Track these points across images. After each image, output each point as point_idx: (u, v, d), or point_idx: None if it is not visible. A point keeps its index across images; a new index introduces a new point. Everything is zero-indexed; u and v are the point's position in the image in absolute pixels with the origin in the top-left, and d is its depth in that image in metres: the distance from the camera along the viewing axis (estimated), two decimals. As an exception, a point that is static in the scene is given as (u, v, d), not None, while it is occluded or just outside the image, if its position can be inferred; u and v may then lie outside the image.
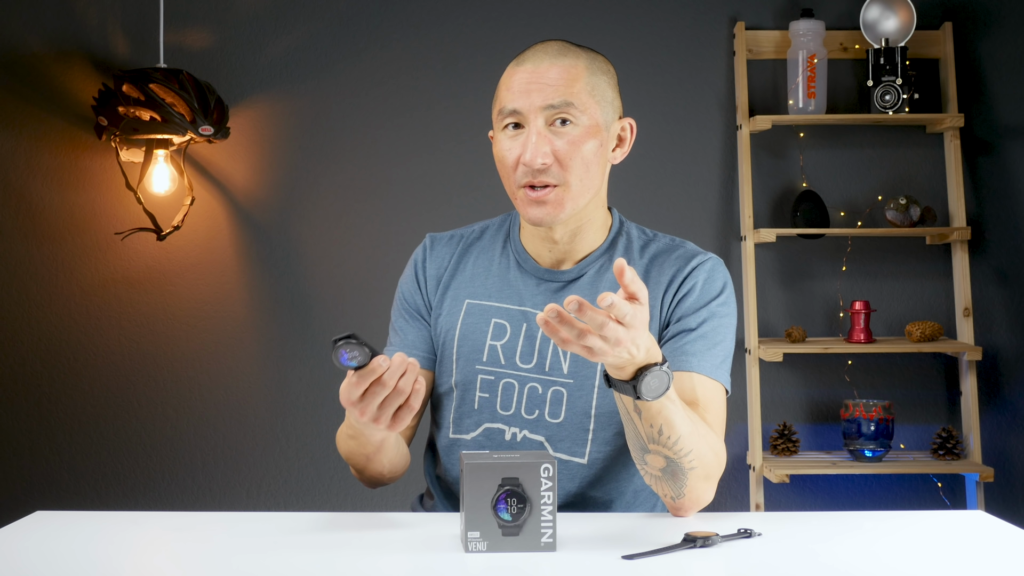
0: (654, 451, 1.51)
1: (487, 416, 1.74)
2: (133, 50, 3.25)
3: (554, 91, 1.65)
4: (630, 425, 1.51)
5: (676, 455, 1.51)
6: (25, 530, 1.53)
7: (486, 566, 1.35)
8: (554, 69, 1.67)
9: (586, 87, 1.67)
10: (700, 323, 1.69)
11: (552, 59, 1.68)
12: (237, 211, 3.28)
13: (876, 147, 3.35)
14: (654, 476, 1.55)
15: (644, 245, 1.78)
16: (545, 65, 1.67)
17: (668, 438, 1.50)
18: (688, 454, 1.52)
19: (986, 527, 1.58)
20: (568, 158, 1.66)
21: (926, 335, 3.17)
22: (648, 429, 1.49)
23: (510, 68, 1.71)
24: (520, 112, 1.67)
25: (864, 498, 3.31)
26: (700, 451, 1.54)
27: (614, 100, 1.72)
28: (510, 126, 1.69)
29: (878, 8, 3.24)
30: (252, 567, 1.36)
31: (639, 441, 1.51)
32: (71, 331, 3.25)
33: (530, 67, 1.68)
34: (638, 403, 1.47)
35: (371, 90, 3.31)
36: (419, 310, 1.81)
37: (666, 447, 1.50)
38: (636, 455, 1.55)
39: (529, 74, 1.67)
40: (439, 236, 1.86)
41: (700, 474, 1.55)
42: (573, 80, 1.66)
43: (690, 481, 1.55)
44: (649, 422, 1.48)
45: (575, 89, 1.66)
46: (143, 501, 3.25)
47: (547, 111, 1.66)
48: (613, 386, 1.48)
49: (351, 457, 1.71)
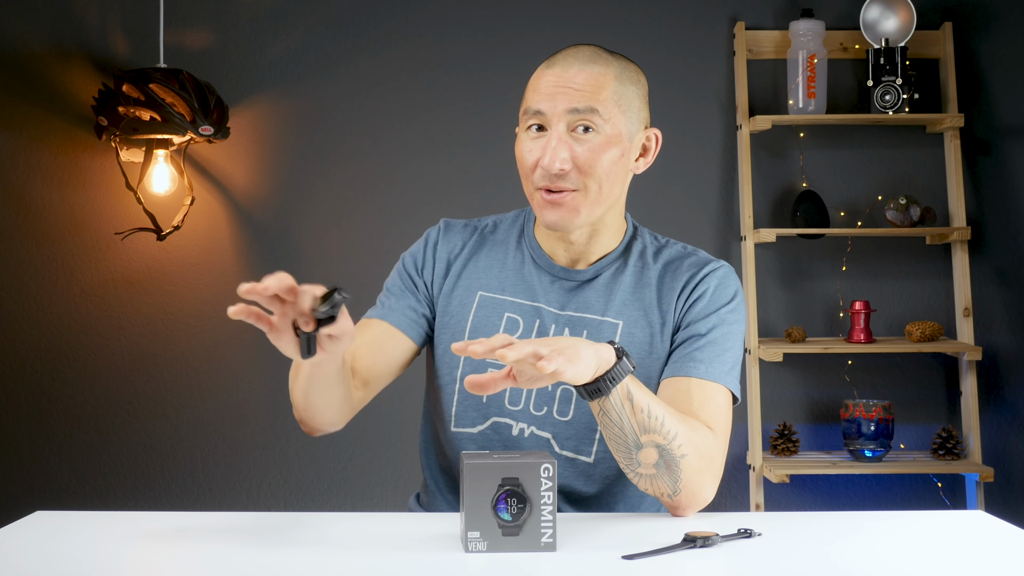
0: (647, 442, 1.51)
1: (495, 410, 1.74)
2: (133, 50, 3.25)
3: (580, 97, 1.65)
4: (623, 421, 1.50)
5: (666, 439, 1.52)
6: (25, 530, 1.53)
7: (486, 566, 1.35)
8: (582, 75, 1.66)
9: (613, 95, 1.67)
10: (709, 329, 1.70)
11: (581, 64, 1.67)
12: (237, 211, 3.28)
13: (876, 147, 3.35)
14: (648, 475, 1.55)
15: (657, 251, 1.79)
16: (574, 70, 1.67)
17: (656, 419, 1.51)
18: (676, 437, 1.52)
19: (986, 527, 1.58)
20: (588, 165, 1.66)
21: (926, 335, 3.18)
22: (640, 416, 1.50)
23: (540, 69, 1.70)
24: (544, 114, 1.67)
25: (864, 498, 3.31)
26: (687, 436, 1.54)
27: (641, 110, 1.72)
28: (533, 127, 1.68)
29: (878, 8, 3.24)
30: (252, 567, 1.36)
31: (632, 437, 1.51)
32: (71, 331, 3.25)
33: (559, 70, 1.67)
34: (630, 388, 1.48)
35: (371, 90, 3.31)
36: (416, 285, 1.81)
37: (658, 433, 1.51)
38: (627, 458, 1.54)
39: (557, 77, 1.67)
40: (454, 222, 1.86)
41: (693, 463, 1.55)
42: (600, 87, 1.66)
43: (684, 473, 1.55)
44: (640, 407, 1.50)
45: (601, 97, 1.66)
46: (143, 501, 3.25)
47: (570, 116, 1.65)
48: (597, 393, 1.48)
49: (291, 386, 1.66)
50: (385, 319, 1.77)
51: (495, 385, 1.45)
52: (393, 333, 1.77)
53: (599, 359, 1.45)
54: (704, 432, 1.59)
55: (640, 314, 1.73)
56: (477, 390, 1.44)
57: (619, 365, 1.47)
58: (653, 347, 1.72)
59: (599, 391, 1.48)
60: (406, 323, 1.78)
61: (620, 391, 1.49)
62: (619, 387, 1.48)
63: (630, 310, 1.74)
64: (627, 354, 1.49)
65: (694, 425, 1.58)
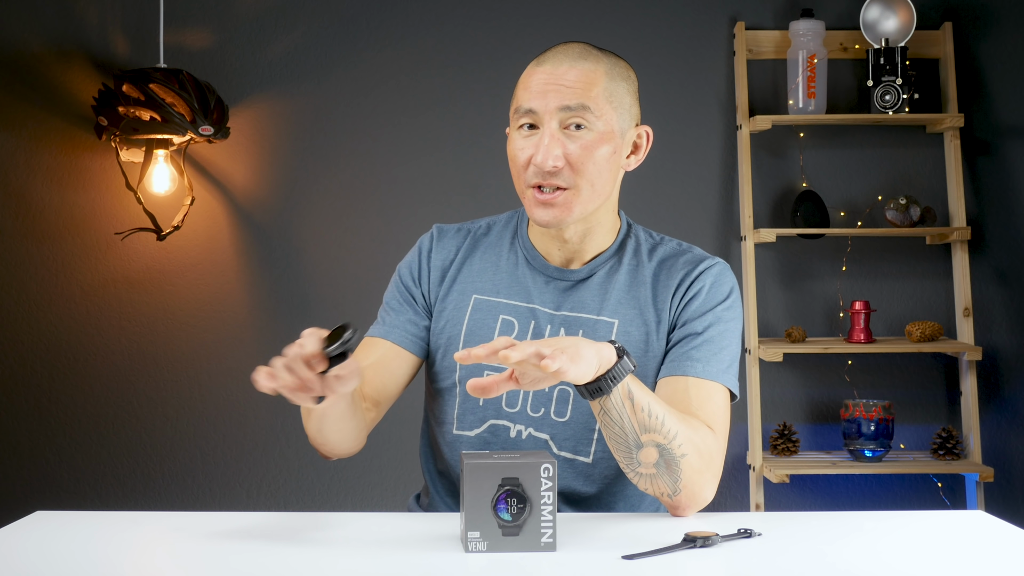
0: (647, 441, 1.51)
1: (492, 413, 1.74)
2: (133, 50, 3.25)
3: (571, 94, 1.65)
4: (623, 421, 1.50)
5: (666, 439, 1.52)
6: (25, 530, 1.53)
7: (486, 566, 1.35)
8: (572, 72, 1.66)
9: (603, 92, 1.67)
10: (705, 328, 1.70)
11: (572, 62, 1.67)
12: (237, 211, 3.28)
13: (876, 147, 3.35)
14: (648, 475, 1.55)
15: (652, 248, 1.79)
16: (564, 67, 1.67)
17: (657, 418, 1.51)
18: (676, 437, 1.53)
19: (986, 527, 1.58)
20: (580, 162, 1.66)
21: (926, 335, 3.18)
22: (641, 415, 1.50)
23: (530, 67, 1.70)
24: (535, 112, 1.67)
25: (864, 498, 3.31)
26: (687, 436, 1.54)
27: (632, 107, 1.72)
28: (525, 125, 1.68)
29: (878, 8, 3.24)
30: (252, 567, 1.36)
31: (632, 437, 1.51)
32: (71, 331, 3.25)
33: (549, 68, 1.67)
34: (630, 387, 1.48)
35: (371, 90, 3.31)
36: (414, 297, 1.81)
37: (659, 432, 1.51)
38: (628, 457, 1.54)
39: (547, 75, 1.67)
40: (446, 228, 1.85)
41: (693, 463, 1.55)
42: (591, 84, 1.66)
43: (684, 472, 1.55)
44: (640, 406, 1.50)
45: (592, 93, 1.66)
46: (143, 501, 3.25)
47: (562, 113, 1.65)
48: (599, 392, 1.48)
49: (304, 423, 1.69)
50: (387, 338, 1.79)
51: (497, 388, 1.45)
52: (397, 352, 1.78)
53: (600, 358, 1.45)
54: (704, 431, 1.59)
55: (635, 313, 1.73)
56: (479, 393, 1.44)
57: (620, 364, 1.47)
58: (649, 345, 1.72)
59: (600, 390, 1.48)
60: (408, 339, 1.79)
61: (621, 390, 1.49)
62: (620, 386, 1.48)
63: (625, 309, 1.73)
64: (627, 353, 1.49)
65: (694, 424, 1.58)
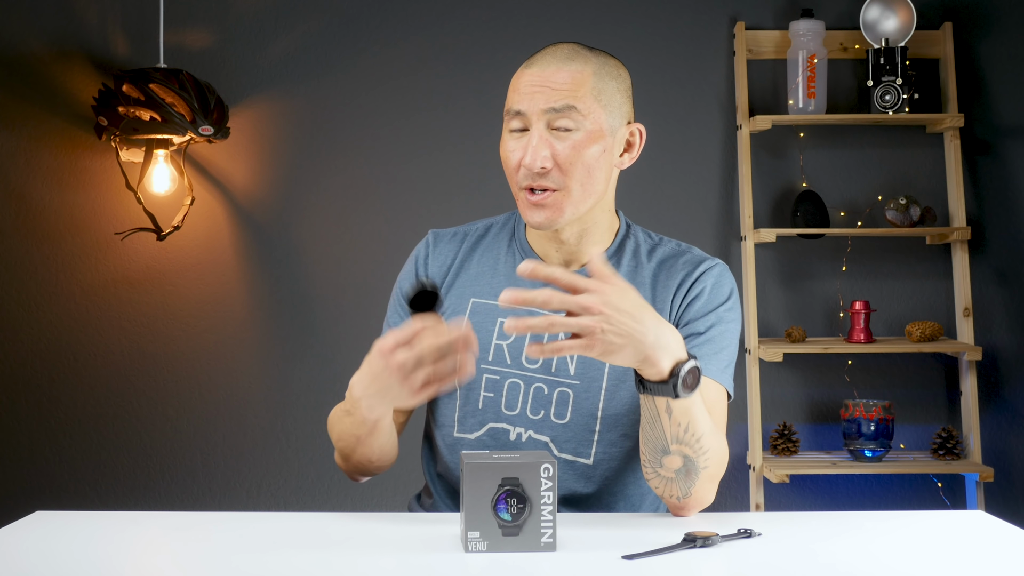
0: (675, 451, 1.52)
1: (491, 416, 1.74)
2: (133, 50, 3.25)
3: (558, 95, 1.66)
4: (655, 426, 1.51)
5: (695, 453, 1.53)
6: (25, 530, 1.53)
7: (486, 566, 1.35)
8: (560, 73, 1.67)
9: (592, 91, 1.67)
10: (708, 328, 1.70)
11: (560, 63, 1.68)
12: (237, 211, 3.28)
13: (876, 147, 3.35)
14: (666, 479, 1.56)
15: (651, 249, 1.79)
16: (552, 69, 1.67)
17: (692, 435, 1.52)
18: (706, 452, 1.54)
19: (986, 527, 1.58)
20: (569, 163, 1.66)
21: (926, 335, 3.18)
22: (675, 428, 1.51)
23: (520, 70, 1.71)
24: (524, 114, 1.67)
25: (864, 498, 3.31)
26: (715, 451, 1.56)
27: (623, 105, 1.72)
28: (515, 128, 1.69)
29: (878, 8, 3.24)
30: (252, 567, 1.36)
31: (661, 443, 1.52)
32: (71, 331, 3.25)
33: (537, 70, 1.68)
34: (671, 402, 1.49)
35: (371, 90, 3.31)
36: None
37: (689, 445, 1.52)
38: (652, 458, 1.55)
39: (535, 77, 1.67)
40: (442, 233, 1.85)
41: (710, 474, 1.57)
42: (578, 84, 1.66)
43: (699, 481, 1.57)
44: (678, 420, 1.50)
45: (579, 93, 1.66)
46: (143, 501, 3.25)
47: (549, 114, 1.66)
48: (648, 389, 1.49)
49: (342, 438, 1.70)
50: None
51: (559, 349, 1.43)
52: None
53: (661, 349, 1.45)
54: (722, 440, 1.61)
55: None
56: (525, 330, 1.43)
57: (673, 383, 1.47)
58: None
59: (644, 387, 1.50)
60: None
61: (657, 402, 1.51)
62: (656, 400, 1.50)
63: None
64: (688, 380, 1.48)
65: (721, 440, 1.60)
